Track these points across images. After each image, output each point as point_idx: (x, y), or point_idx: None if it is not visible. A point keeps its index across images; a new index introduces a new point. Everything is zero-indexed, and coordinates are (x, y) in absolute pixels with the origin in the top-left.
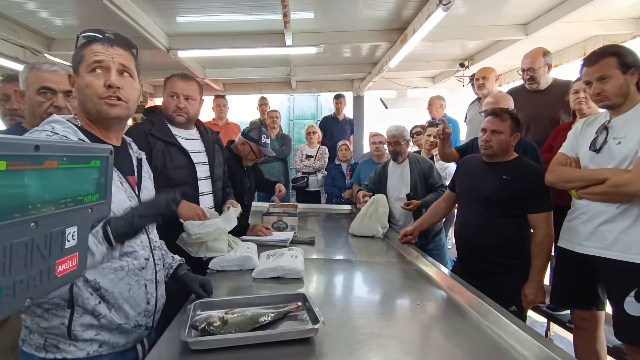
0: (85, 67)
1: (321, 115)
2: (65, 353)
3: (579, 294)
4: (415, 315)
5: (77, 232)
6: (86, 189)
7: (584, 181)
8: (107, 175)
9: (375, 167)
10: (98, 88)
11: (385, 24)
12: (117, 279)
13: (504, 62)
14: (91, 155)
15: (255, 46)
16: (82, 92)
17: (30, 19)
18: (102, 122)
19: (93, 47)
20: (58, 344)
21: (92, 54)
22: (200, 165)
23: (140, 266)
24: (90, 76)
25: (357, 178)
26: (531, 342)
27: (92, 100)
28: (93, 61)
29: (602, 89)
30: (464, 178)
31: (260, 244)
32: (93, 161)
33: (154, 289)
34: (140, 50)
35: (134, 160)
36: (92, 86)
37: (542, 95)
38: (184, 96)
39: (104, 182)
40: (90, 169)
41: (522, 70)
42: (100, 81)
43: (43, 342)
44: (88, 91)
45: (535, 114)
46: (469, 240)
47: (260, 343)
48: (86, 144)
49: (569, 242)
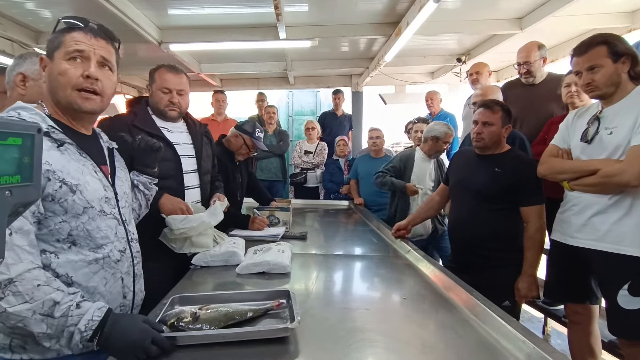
0: (63, 54)
1: (321, 112)
2: (33, 353)
3: (572, 288)
4: (402, 310)
5: None
6: (1, 169)
7: (576, 172)
8: (32, 155)
9: (372, 162)
10: (74, 77)
11: (380, 17)
12: (91, 272)
13: (501, 58)
14: (8, 132)
15: (249, 39)
16: (54, 79)
17: (16, 10)
18: (72, 113)
19: (74, 34)
20: (25, 345)
21: (72, 41)
22: (187, 158)
23: (116, 259)
24: (68, 64)
25: (354, 173)
26: (516, 336)
27: (65, 90)
28: (74, 49)
29: (592, 79)
30: (456, 171)
31: (250, 239)
32: (10, 138)
33: (132, 282)
34: (133, 44)
35: (105, 150)
36: (67, 74)
37: (537, 89)
38: (177, 91)
39: (29, 162)
40: (5, 146)
41: (517, 64)
42: (78, 71)
43: (9, 343)
44: (62, 79)
45: (529, 108)
46: (462, 234)
47: (234, 341)
48: (3, 118)
49: (562, 234)
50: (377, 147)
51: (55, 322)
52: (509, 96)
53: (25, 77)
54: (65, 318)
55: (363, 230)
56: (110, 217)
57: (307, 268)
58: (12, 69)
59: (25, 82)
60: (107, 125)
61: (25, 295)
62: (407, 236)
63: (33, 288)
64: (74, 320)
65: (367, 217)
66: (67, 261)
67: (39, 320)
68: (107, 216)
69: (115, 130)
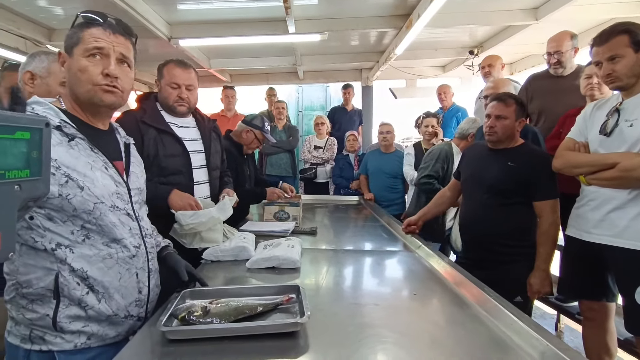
0: (82, 51)
1: (330, 106)
2: (52, 345)
3: (587, 284)
4: (412, 305)
5: None
6: (9, 163)
7: (593, 166)
8: (40, 150)
9: (382, 157)
10: (94, 75)
11: (391, 10)
12: (106, 267)
13: (515, 50)
14: (15, 126)
15: (258, 34)
16: (74, 76)
17: (28, 8)
18: (91, 108)
19: (93, 30)
20: (44, 336)
21: (92, 38)
22: (196, 153)
23: (131, 254)
24: (87, 61)
25: (364, 168)
26: (529, 332)
27: (85, 86)
28: (93, 47)
29: (613, 70)
30: (468, 166)
31: (260, 234)
32: (19, 132)
33: (147, 277)
34: (143, 40)
35: (121, 145)
36: (87, 72)
37: (564, 81)
38: (185, 86)
39: (37, 156)
40: (14, 140)
41: (547, 53)
42: (98, 68)
43: (29, 334)
44: (82, 76)
45: (554, 101)
46: (473, 230)
47: (244, 335)
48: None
49: (577, 229)
50: (388, 142)
51: None
52: (534, 88)
53: (34, 75)
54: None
55: (373, 225)
56: (123, 213)
57: (316, 263)
58: (23, 67)
59: (33, 80)
60: (117, 121)
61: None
62: (417, 231)
63: None
64: None
65: (377, 213)
66: (81, 255)
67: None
68: (120, 211)
69: (126, 125)
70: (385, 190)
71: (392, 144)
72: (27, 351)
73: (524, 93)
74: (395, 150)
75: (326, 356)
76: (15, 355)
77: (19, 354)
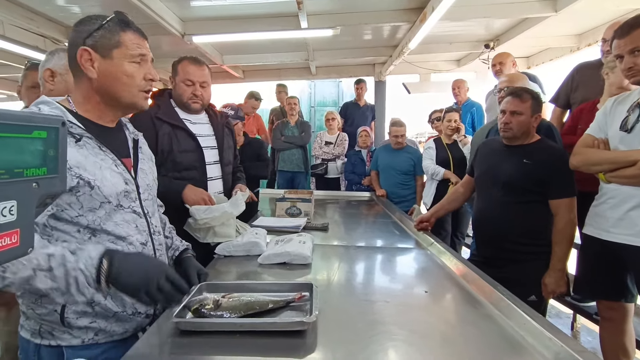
0: (125, 55)
1: (343, 102)
2: (60, 340)
3: (605, 284)
4: (423, 303)
5: (16, 207)
6: (28, 161)
7: (613, 163)
8: (57, 148)
9: (393, 154)
10: (140, 80)
11: (404, 3)
12: None
13: (533, 43)
14: (33, 125)
15: (270, 30)
16: (116, 79)
17: (48, 7)
18: (124, 109)
19: (131, 36)
20: (52, 331)
21: (134, 44)
22: (209, 149)
23: (137, 251)
24: (132, 66)
25: (374, 164)
26: (543, 333)
27: (130, 90)
28: (138, 53)
29: (635, 63)
30: (482, 162)
31: (272, 230)
32: (36, 131)
33: None
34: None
35: (129, 141)
36: (134, 77)
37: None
38: (199, 83)
39: (54, 155)
40: (31, 139)
41: (602, 40)
42: (141, 73)
43: (38, 328)
44: (128, 80)
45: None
46: (487, 227)
47: (253, 331)
48: (29, 112)
49: (596, 228)
50: (400, 144)
51: (56, 273)
52: (581, 77)
53: (54, 73)
54: (63, 267)
55: (385, 222)
56: (128, 211)
57: (328, 259)
58: (43, 65)
59: (53, 78)
60: (132, 117)
61: (22, 261)
62: (429, 228)
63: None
64: (73, 264)
65: (389, 209)
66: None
67: (42, 276)
68: (124, 210)
69: (140, 121)
70: (397, 187)
71: (405, 143)
72: (37, 345)
73: (569, 82)
74: (406, 146)
75: (335, 353)
76: (26, 349)
77: (30, 348)
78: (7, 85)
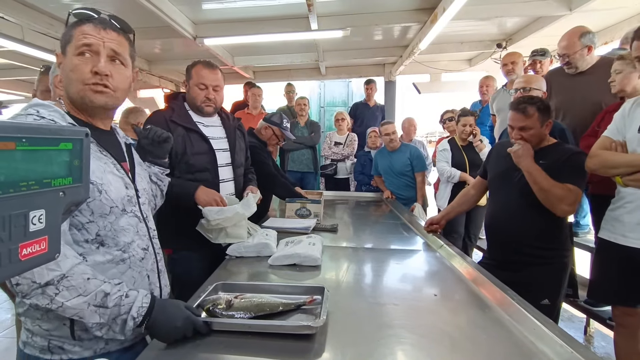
0: (73, 49)
1: (352, 102)
2: (71, 354)
3: (621, 290)
4: (432, 307)
5: (45, 216)
6: (55, 172)
7: (631, 167)
8: (81, 158)
9: (389, 156)
10: (84, 73)
11: (415, 4)
12: (119, 272)
13: (546, 42)
14: (60, 138)
15: (281, 31)
16: (67, 76)
17: (66, 13)
18: (86, 109)
19: (84, 27)
20: (62, 345)
21: (81, 35)
22: (221, 151)
23: (140, 257)
24: (77, 59)
25: (375, 169)
26: (553, 339)
27: (77, 86)
28: (82, 44)
29: None
30: (496, 164)
31: (282, 231)
32: (63, 143)
33: (157, 278)
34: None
35: (123, 146)
36: (77, 70)
37: (584, 76)
38: (213, 87)
39: (79, 165)
40: (58, 151)
41: (557, 54)
42: (87, 66)
43: (47, 344)
44: (73, 75)
45: (573, 98)
46: (500, 230)
47: (263, 332)
48: (56, 125)
49: (612, 233)
50: (394, 143)
51: (108, 311)
52: (552, 84)
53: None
54: (117, 307)
55: (394, 223)
56: (131, 215)
57: (337, 261)
58: (53, 71)
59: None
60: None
61: (78, 289)
62: (439, 231)
63: (84, 282)
64: (126, 308)
65: (398, 210)
66: (95, 263)
67: (93, 312)
68: (128, 214)
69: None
70: (400, 189)
71: (397, 140)
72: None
73: (549, 88)
74: (400, 145)
75: (344, 356)
76: None
77: None
78: (25, 87)
